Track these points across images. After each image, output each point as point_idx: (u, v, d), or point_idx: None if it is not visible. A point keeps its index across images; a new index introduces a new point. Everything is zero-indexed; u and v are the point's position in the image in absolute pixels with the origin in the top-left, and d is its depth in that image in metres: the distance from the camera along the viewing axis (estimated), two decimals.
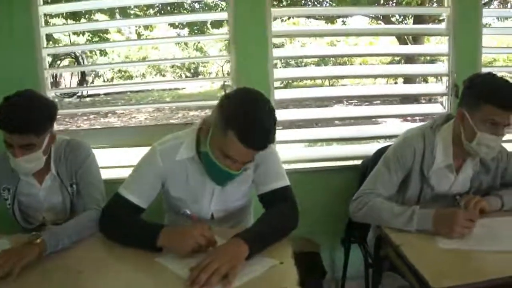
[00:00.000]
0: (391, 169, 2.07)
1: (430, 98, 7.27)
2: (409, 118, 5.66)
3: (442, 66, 2.95)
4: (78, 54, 13.05)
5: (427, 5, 11.57)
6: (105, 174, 2.30)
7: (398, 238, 1.80)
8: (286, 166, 2.85)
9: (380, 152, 2.34)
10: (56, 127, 2.13)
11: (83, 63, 13.99)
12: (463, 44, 2.86)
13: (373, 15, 13.13)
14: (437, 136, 2.07)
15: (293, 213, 1.87)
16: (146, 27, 12.47)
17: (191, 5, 11.30)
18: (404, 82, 11.49)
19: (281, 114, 2.82)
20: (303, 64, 15.55)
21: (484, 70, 2.71)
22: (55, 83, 11.32)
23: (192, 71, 21.24)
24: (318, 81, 13.64)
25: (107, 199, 2.00)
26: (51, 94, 2.82)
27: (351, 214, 2.08)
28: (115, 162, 3.73)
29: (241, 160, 1.73)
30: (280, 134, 2.95)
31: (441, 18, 3.02)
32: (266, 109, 1.68)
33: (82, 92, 15.86)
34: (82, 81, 10.93)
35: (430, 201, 2.08)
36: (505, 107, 1.84)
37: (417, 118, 4.51)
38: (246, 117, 1.64)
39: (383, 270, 2.11)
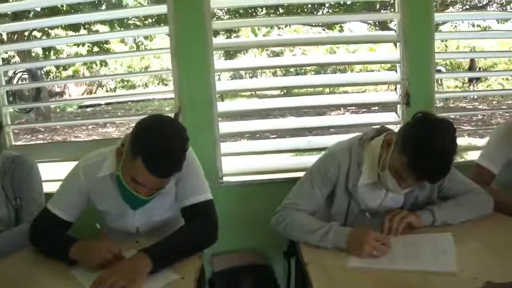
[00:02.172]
0: (314, 183, 1.98)
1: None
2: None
3: (394, 74, 2.85)
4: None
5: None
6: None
7: (309, 255, 1.74)
8: (234, 179, 2.82)
9: None
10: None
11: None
12: (415, 50, 2.77)
13: (347, 22, 13.00)
14: (365, 151, 1.97)
15: (209, 228, 1.90)
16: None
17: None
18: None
19: (224, 127, 2.79)
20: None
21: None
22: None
23: None
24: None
25: None
26: (8, 109, 2.93)
27: (273, 228, 1.99)
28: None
29: (150, 187, 1.75)
30: (226, 146, 2.90)
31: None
32: (177, 138, 1.70)
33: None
34: (37, 96, 11.13)
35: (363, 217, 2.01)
36: (418, 178, 1.75)
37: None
38: (154, 146, 1.65)
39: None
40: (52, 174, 2.73)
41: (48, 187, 2.35)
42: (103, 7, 10.42)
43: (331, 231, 1.77)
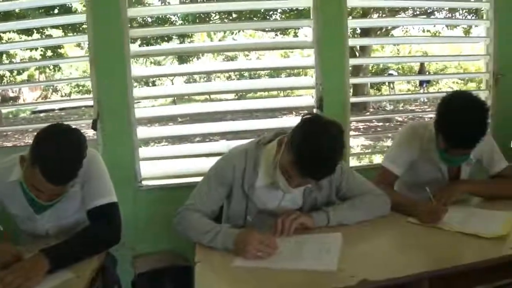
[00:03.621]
0: (211, 185, 2.03)
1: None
2: None
3: (309, 79, 2.93)
4: None
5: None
6: None
7: (201, 255, 1.79)
8: (154, 182, 2.85)
9: None
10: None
11: None
12: (328, 56, 2.86)
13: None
14: (262, 153, 2.02)
15: (111, 230, 1.96)
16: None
17: None
18: None
19: (143, 131, 2.82)
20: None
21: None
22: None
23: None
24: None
25: None
26: None
27: (174, 228, 2.03)
28: None
29: (49, 193, 1.82)
30: (145, 150, 2.93)
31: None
32: (72, 147, 1.78)
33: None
34: None
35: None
36: (303, 175, 1.81)
37: None
38: (49, 156, 1.72)
39: None
40: None
41: None
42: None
43: (220, 233, 1.82)
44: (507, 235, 1.78)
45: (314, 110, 2.92)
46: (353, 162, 5.97)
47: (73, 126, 1.88)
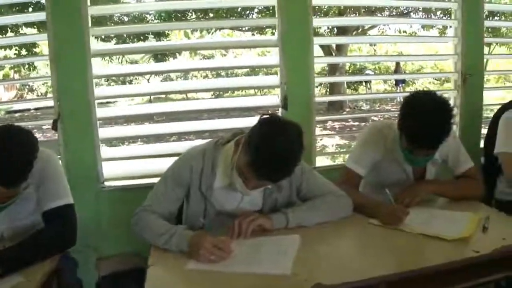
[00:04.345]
0: (168, 185, 1.98)
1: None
2: None
3: (275, 78, 2.91)
4: None
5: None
6: None
7: (156, 257, 1.76)
8: (117, 183, 2.81)
9: None
10: None
11: None
12: (293, 55, 2.83)
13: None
14: (220, 154, 1.98)
15: (66, 232, 1.93)
16: None
17: None
18: None
19: (105, 132, 2.77)
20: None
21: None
22: None
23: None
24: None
25: None
26: None
27: (132, 230, 1.97)
28: None
29: (0, 195, 1.80)
30: (108, 151, 2.89)
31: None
32: (21, 150, 1.74)
33: None
34: None
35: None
36: (259, 177, 1.77)
37: None
38: None
39: None
40: None
41: None
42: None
43: (175, 235, 1.78)
44: (469, 237, 1.76)
45: (280, 109, 2.90)
46: (327, 161, 6.03)
47: (27, 127, 1.84)
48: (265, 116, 1.83)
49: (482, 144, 3.06)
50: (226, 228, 1.89)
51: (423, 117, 1.97)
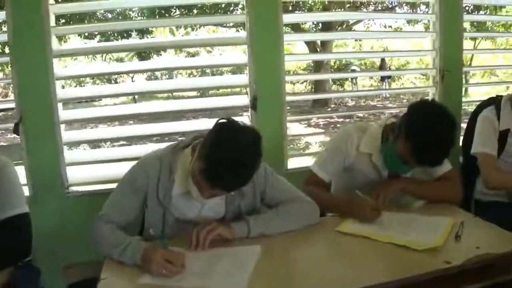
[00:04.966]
0: (124, 193, 1.88)
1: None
2: None
3: (244, 77, 2.83)
4: None
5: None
6: None
7: (109, 271, 1.67)
8: (83, 188, 2.72)
9: None
10: None
11: None
12: (262, 53, 2.75)
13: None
14: (179, 159, 1.87)
15: (20, 242, 1.89)
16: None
17: None
18: None
19: (69, 135, 2.69)
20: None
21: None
22: None
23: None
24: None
25: None
26: None
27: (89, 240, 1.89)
28: None
29: None
30: (72, 154, 2.80)
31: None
32: None
33: None
34: None
35: None
36: (212, 186, 1.67)
37: None
38: None
39: None
40: None
41: None
42: None
43: (129, 246, 1.68)
44: (440, 247, 1.67)
45: (249, 110, 2.81)
46: (310, 161, 5.95)
47: None
48: (221, 121, 1.72)
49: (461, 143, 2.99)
50: (188, 237, 1.79)
51: (435, 137, 1.88)
